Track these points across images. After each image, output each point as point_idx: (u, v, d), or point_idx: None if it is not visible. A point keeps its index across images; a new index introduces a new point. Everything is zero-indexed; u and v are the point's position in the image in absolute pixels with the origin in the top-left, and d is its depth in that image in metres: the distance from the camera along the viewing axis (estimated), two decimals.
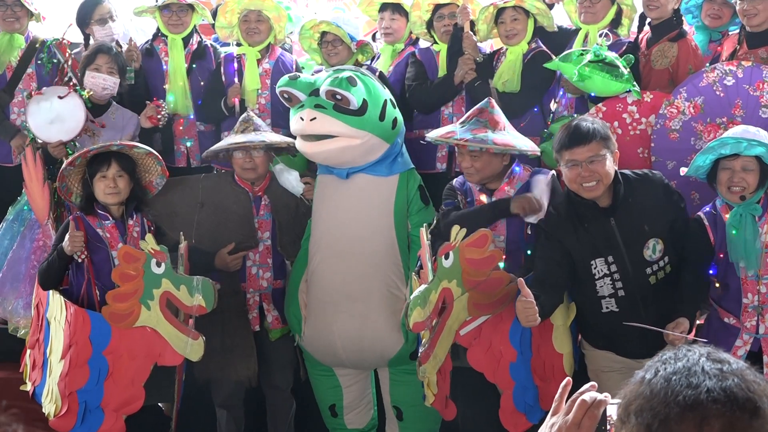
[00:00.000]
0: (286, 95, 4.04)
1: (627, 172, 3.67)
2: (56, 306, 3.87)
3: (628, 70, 4.26)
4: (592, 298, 3.63)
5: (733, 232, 3.51)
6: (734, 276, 3.58)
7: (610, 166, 3.52)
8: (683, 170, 3.74)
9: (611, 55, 4.24)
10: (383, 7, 5.23)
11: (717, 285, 3.66)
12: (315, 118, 3.90)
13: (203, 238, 4.20)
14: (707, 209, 3.67)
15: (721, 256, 3.57)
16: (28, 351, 4.17)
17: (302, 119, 3.93)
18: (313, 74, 4.87)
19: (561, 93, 4.83)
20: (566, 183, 3.63)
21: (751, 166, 3.49)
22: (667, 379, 1.36)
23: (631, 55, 4.34)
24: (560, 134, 3.60)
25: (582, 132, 3.49)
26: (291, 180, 4.26)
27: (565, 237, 3.59)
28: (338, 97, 3.85)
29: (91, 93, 4.68)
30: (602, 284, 3.59)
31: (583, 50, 4.34)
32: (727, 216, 3.57)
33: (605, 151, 3.50)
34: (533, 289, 3.39)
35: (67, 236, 3.86)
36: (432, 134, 4.06)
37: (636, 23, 4.88)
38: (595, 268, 3.58)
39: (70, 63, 4.97)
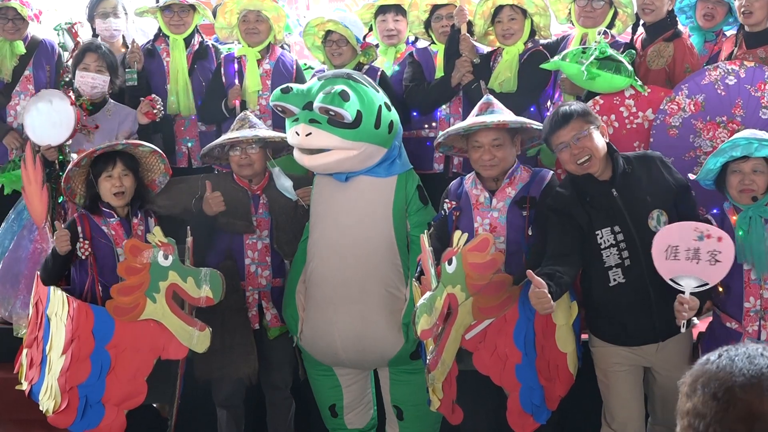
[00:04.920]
0: (279, 108, 4.04)
1: (626, 153, 3.80)
2: (57, 302, 3.85)
3: (631, 65, 4.30)
4: (600, 271, 3.66)
5: (740, 233, 3.52)
6: (738, 279, 3.58)
7: (599, 139, 3.64)
8: (692, 175, 3.76)
9: (614, 52, 4.28)
10: (386, 9, 5.23)
11: (720, 290, 3.66)
12: (310, 134, 3.91)
13: (200, 222, 4.19)
14: (715, 211, 3.72)
15: None
16: (24, 350, 4.13)
17: (297, 134, 3.94)
18: (314, 75, 4.88)
19: (557, 95, 4.85)
20: (564, 166, 3.74)
21: (761, 168, 3.52)
22: (731, 359, 1.60)
23: (632, 50, 4.38)
24: (544, 125, 3.78)
25: (560, 115, 3.66)
26: (286, 186, 4.26)
27: (573, 210, 3.67)
28: (332, 113, 3.86)
29: (83, 95, 4.73)
30: (608, 254, 3.63)
31: (584, 48, 4.36)
32: (735, 218, 3.58)
33: (588, 126, 3.63)
34: (551, 263, 3.48)
35: (54, 235, 3.90)
36: (444, 132, 4.07)
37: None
38: (601, 238, 3.64)
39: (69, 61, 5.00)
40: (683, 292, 3.42)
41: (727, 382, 1.55)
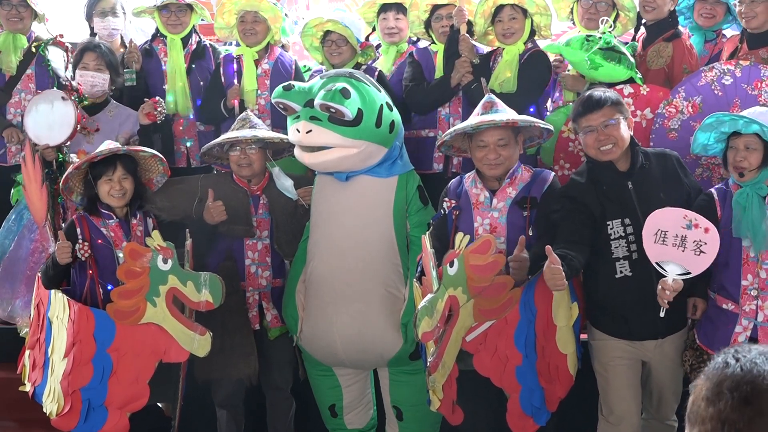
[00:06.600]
0: (281, 106, 4.04)
1: (645, 148, 3.87)
2: (59, 305, 3.86)
3: (633, 58, 4.33)
4: (607, 262, 3.69)
5: (739, 209, 3.55)
6: (736, 255, 3.59)
7: (625, 130, 3.71)
8: (693, 153, 3.83)
9: (618, 43, 4.32)
10: (387, 8, 5.23)
11: None
12: (311, 131, 3.90)
13: (200, 228, 4.19)
14: (720, 186, 3.75)
15: (725, 231, 3.60)
16: (27, 352, 4.14)
17: (298, 131, 3.94)
18: (312, 75, 4.87)
19: (557, 95, 4.85)
20: (585, 150, 3.80)
21: (753, 145, 3.56)
22: (753, 361, 1.55)
23: (635, 42, 4.42)
24: (575, 105, 3.84)
25: (594, 99, 3.72)
26: (287, 186, 4.26)
27: (587, 198, 3.72)
28: (332, 110, 3.86)
29: (85, 95, 4.73)
30: (617, 245, 3.68)
31: (587, 36, 4.37)
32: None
33: (618, 116, 3.70)
34: (562, 246, 3.51)
35: (56, 245, 3.89)
36: (451, 130, 4.05)
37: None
38: (611, 229, 3.69)
39: (70, 61, 5.00)
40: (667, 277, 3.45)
41: (759, 386, 1.50)
